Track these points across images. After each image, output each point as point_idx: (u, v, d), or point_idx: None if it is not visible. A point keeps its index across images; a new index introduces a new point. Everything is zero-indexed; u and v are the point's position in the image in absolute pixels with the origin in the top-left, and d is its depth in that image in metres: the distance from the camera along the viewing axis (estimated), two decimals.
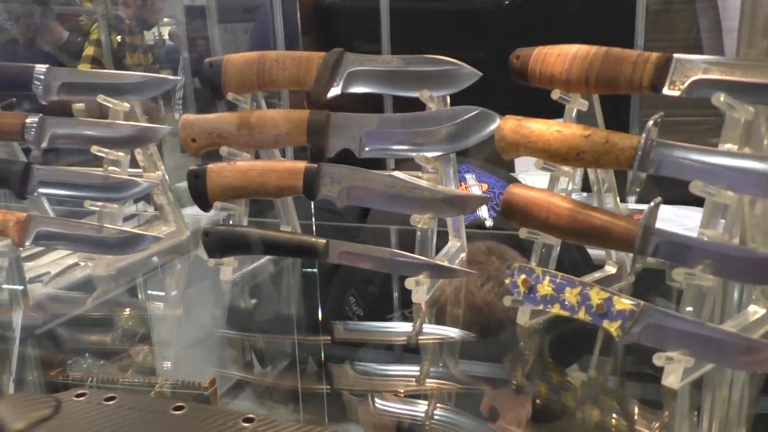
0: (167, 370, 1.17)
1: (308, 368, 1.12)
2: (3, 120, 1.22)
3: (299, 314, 1.20)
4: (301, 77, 1.08)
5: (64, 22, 4.72)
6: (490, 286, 1.10)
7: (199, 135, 1.13)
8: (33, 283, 1.39)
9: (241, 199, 1.13)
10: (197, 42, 4.73)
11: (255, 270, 1.21)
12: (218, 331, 1.20)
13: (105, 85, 1.20)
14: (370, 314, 1.28)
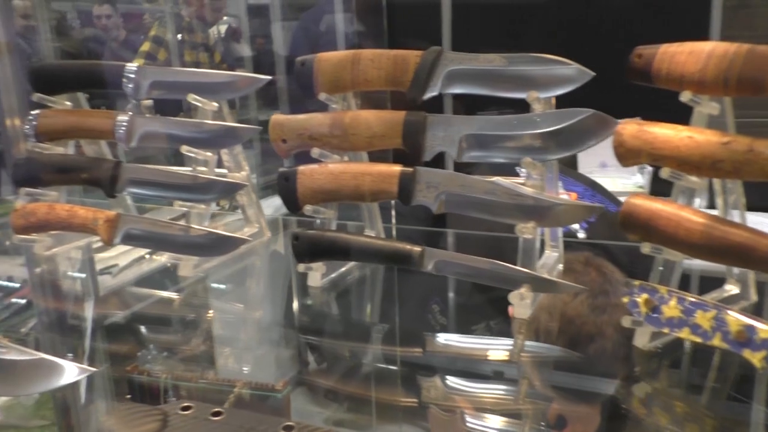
0: (243, 371, 1.15)
1: (394, 379, 1.08)
2: (94, 119, 1.22)
3: (387, 323, 1.16)
4: (397, 77, 1.04)
5: (129, 21, 4.84)
6: (584, 296, 1.04)
7: (290, 136, 1.10)
8: (102, 275, 1.40)
9: (332, 202, 1.09)
10: (255, 40, 4.79)
11: (342, 275, 1.17)
12: (298, 335, 1.18)
13: (195, 84, 1.18)
14: (453, 324, 1.23)
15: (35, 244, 1.29)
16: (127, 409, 0.71)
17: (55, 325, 1.32)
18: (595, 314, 1.07)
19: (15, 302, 1.48)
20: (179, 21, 4.37)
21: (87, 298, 1.36)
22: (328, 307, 1.15)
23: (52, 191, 1.28)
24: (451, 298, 1.28)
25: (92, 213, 1.19)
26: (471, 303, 1.23)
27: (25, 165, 1.24)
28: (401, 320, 1.13)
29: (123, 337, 1.32)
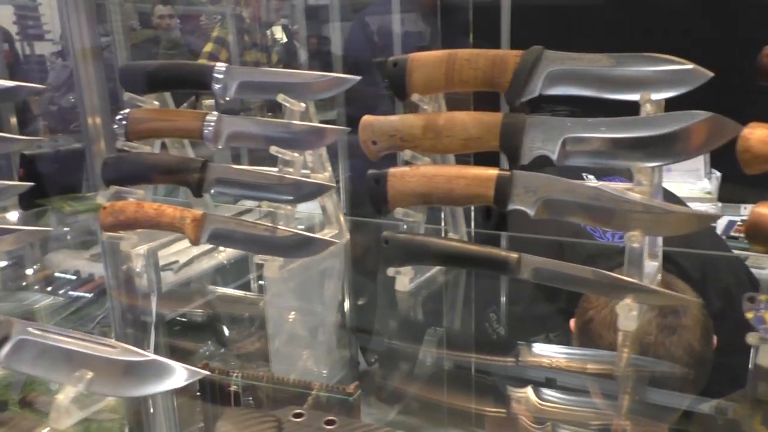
0: (315, 372, 1.14)
1: (482, 388, 1.05)
2: (183, 118, 1.23)
3: (476, 330, 1.13)
4: (495, 77, 1.00)
5: (186, 22, 4.94)
6: (653, 315, 1.00)
7: (380, 137, 1.08)
8: (164, 271, 1.41)
9: (423, 205, 1.07)
10: (309, 41, 4.82)
11: (429, 280, 1.15)
12: (380, 338, 1.16)
13: (283, 84, 1.18)
14: (511, 334, 1.20)
15: (121, 242, 1.31)
16: (242, 415, 0.70)
17: (123, 319, 1.34)
18: (663, 334, 1.02)
19: (82, 296, 1.51)
20: (239, 22, 4.44)
21: (151, 294, 1.38)
22: (415, 311, 1.13)
23: (138, 189, 1.30)
24: (508, 306, 1.24)
25: (180, 212, 1.19)
26: (529, 313, 1.20)
27: (114, 163, 1.26)
28: (495, 329, 1.09)
29: (187, 333, 1.33)
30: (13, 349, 0.78)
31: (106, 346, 0.75)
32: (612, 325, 1.02)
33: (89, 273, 1.58)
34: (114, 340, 0.77)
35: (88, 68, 1.77)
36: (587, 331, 1.08)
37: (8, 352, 0.78)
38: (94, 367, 0.73)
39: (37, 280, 1.58)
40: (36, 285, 1.57)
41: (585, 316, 1.10)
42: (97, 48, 1.72)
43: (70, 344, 0.76)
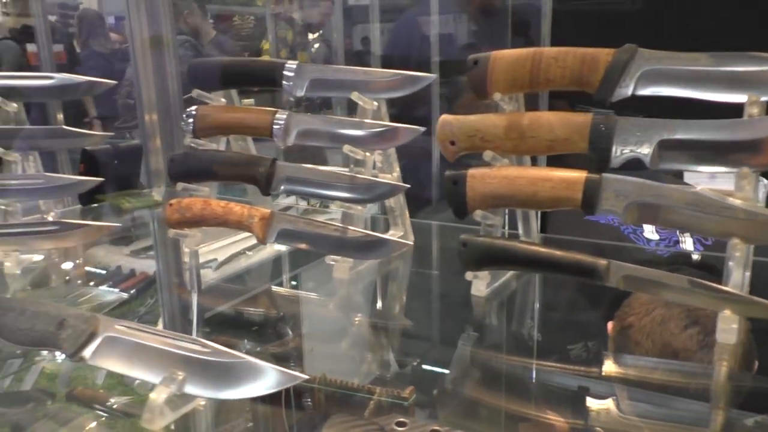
0: (374, 374, 1.11)
1: (562, 398, 1.01)
2: (252, 115, 1.21)
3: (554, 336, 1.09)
4: (584, 76, 0.97)
5: (220, 21, 4.98)
6: (695, 331, 0.95)
7: (460, 137, 1.05)
8: (204, 269, 1.40)
9: (502, 208, 1.04)
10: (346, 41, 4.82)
11: (504, 285, 1.11)
12: (436, 341, 1.12)
13: (355, 82, 1.15)
14: (547, 341, 1.16)
15: (186, 239, 1.29)
16: (346, 422, 0.68)
17: (171, 315, 1.33)
18: (704, 352, 0.97)
19: (124, 291, 1.50)
20: (291, 23, 4.47)
21: (191, 291, 1.37)
22: (491, 317, 1.09)
23: (203, 186, 1.29)
24: (547, 315, 1.20)
25: (247, 210, 1.18)
26: (566, 319, 1.15)
27: (181, 160, 1.25)
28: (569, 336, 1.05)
29: (225, 330, 1.31)
30: (100, 346, 0.77)
31: (196, 345, 0.73)
32: (651, 334, 0.99)
33: (130, 269, 1.57)
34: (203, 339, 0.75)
35: (146, 65, 1.78)
36: (625, 337, 1.05)
37: (95, 350, 0.77)
38: (185, 367, 0.71)
39: (79, 275, 1.58)
40: (78, 280, 1.56)
41: (624, 321, 1.06)
42: (155, 44, 1.73)
43: (160, 343, 0.74)
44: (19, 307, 0.84)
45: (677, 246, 1.37)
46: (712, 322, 0.89)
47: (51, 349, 0.80)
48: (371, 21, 4.49)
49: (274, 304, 1.31)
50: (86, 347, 0.77)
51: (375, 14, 4.45)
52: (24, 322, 0.82)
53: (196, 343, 0.73)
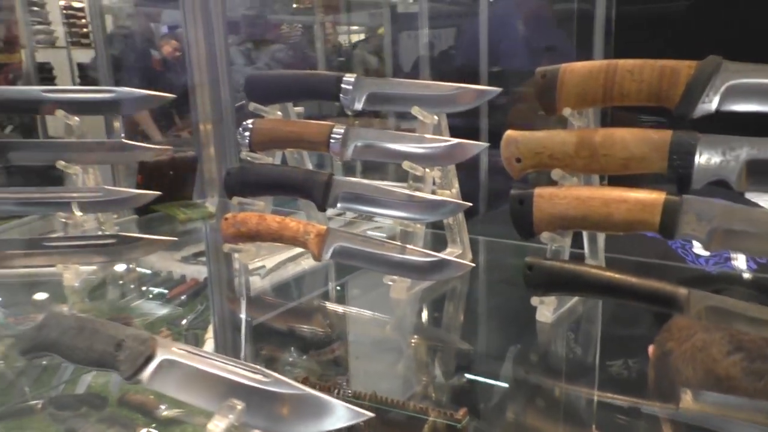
0: (426, 396, 1.06)
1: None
2: (309, 129, 1.19)
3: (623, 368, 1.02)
4: (663, 91, 0.90)
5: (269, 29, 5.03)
6: (739, 358, 0.87)
7: (526, 154, 1.00)
8: (252, 276, 1.38)
9: (571, 230, 0.98)
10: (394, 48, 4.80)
11: (570, 310, 1.05)
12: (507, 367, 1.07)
13: (415, 96, 1.12)
14: (588, 357, 1.08)
15: (240, 254, 1.28)
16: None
17: (222, 322, 1.32)
18: (749, 380, 0.89)
19: (174, 297, 1.50)
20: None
21: (240, 298, 1.35)
22: (556, 344, 1.04)
23: (259, 201, 1.27)
24: (585, 328, 1.13)
25: (303, 226, 1.15)
26: (607, 336, 1.08)
27: (237, 174, 1.24)
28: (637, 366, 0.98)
29: (272, 338, 1.29)
30: (157, 369, 0.75)
31: (256, 373, 0.70)
32: (691, 360, 0.91)
33: (181, 274, 1.57)
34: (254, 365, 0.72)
35: (201, 74, 1.79)
36: (664, 363, 0.97)
37: (152, 372, 0.75)
38: (244, 396, 0.69)
39: (134, 279, 1.59)
40: (131, 284, 1.57)
41: (665, 346, 0.99)
42: (211, 56, 1.73)
43: (218, 369, 0.72)
44: (78, 325, 0.83)
45: (728, 263, 1.28)
46: (757, 348, 0.82)
47: (109, 370, 0.78)
48: (420, 27, 4.47)
49: (326, 319, 1.29)
50: (143, 370, 0.75)
51: (424, 21, 4.42)
52: (82, 341, 0.81)
53: (257, 372, 0.70)
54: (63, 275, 1.18)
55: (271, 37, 4.89)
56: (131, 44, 4.02)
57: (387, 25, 4.90)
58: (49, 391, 1.50)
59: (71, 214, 1.19)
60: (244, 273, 1.36)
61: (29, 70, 4.78)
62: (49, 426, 1.38)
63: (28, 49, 4.73)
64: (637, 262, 1.24)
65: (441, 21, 4.68)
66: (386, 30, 4.87)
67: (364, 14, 5.46)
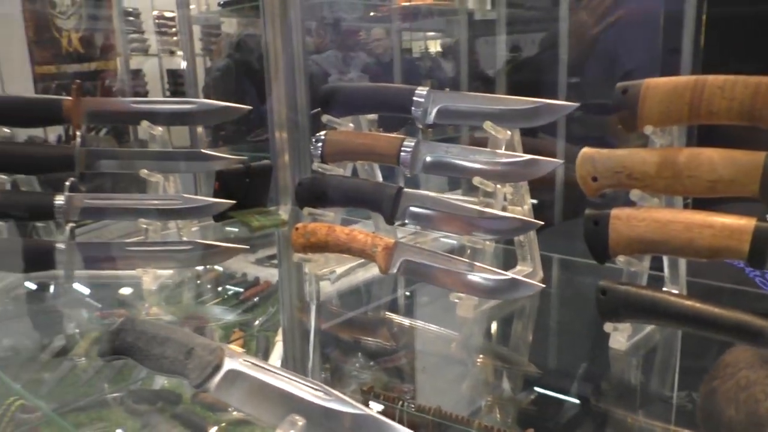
0: (491, 416, 1.02)
1: None
2: (381, 142, 1.19)
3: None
4: (756, 109, 0.84)
5: (348, 36, 5.09)
6: None
7: (603, 173, 0.95)
8: (322, 281, 1.38)
9: (649, 254, 0.93)
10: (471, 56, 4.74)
11: (647, 338, 1.00)
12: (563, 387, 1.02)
13: (487, 112, 1.10)
14: (653, 385, 1.01)
15: (309, 264, 1.30)
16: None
17: (291, 326, 1.33)
18: None
19: (248, 299, 1.53)
20: None
21: (310, 303, 1.36)
22: (630, 373, 0.99)
23: (329, 212, 1.28)
24: (661, 358, 1.05)
25: (371, 239, 1.15)
26: (684, 367, 1.00)
27: (309, 185, 1.25)
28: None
29: (340, 344, 1.29)
30: (223, 379, 0.77)
31: (318, 390, 0.70)
32: (734, 400, 0.83)
33: (255, 276, 1.61)
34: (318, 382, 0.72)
35: (278, 82, 1.83)
36: (711, 401, 0.89)
37: (219, 382, 0.77)
38: (305, 412, 0.69)
39: (209, 280, 1.64)
40: (208, 284, 1.62)
41: (710, 384, 0.91)
42: (288, 65, 1.77)
43: (281, 382, 0.72)
44: (152, 331, 0.86)
45: None
46: None
47: (179, 377, 0.81)
48: (497, 34, 4.40)
49: (393, 329, 1.29)
50: (211, 379, 0.77)
51: (502, 28, 4.35)
52: (156, 347, 0.84)
53: (319, 389, 0.70)
54: (142, 278, 1.23)
55: (349, 45, 4.96)
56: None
57: (463, 33, 4.86)
58: (128, 385, 1.58)
59: (152, 221, 1.24)
60: (315, 279, 1.38)
61: (123, 77, 5.05)
62: (126, 419, 1.45)
63: (123, 57, 5.01)
64: (710, 286, 1.17)
65: (520, 28, 4.59)
66: (463, 37, 4.84)
67: (441, 21, 5.44)
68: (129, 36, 5.57)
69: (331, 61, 4.39)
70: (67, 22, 5.09)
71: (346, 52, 4.60)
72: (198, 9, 3.80)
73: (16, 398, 1.36)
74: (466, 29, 4.85)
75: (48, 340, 1.27)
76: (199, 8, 3.81)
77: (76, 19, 5.05)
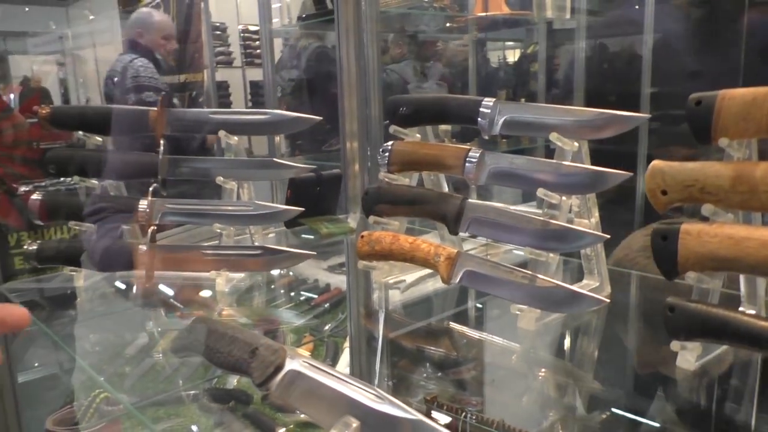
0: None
1: None
2: (446, 153, 1.20)
3: None
4: None
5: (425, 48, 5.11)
6: None
7: (673, 187, 0.92)
8: (391, 289, 1.38)
9: (721, 272, 0.89)
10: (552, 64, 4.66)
11: (717, 358, 0.95)
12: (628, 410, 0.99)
13: (554, 124, 1.09)
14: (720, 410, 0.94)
15: (373, 272, 1.32)
16: None
17: (358, 333, 1.35)
18: None
19: (319, 305, 1.56)
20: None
21: (378, 311, 1.37)
22: (698, 395, 0.95)
23: (394, 221, 1.30)
24: (734, 381, 0.98)
25: (434, 248, 1.16)
26: (747, 388, 0.93)
27: (375, 194, 1.28)
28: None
29: (406, 353, 1.29)
30: (284, 379, 0.80)
31: (372, 394, 0.72)
32: None
33: (326, 283, 1.64)
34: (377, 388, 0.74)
35: (351, 94, 1.87)
36: None
37: (280, 381, 0.80)
38: (359, 415, 0.71)
39: (283, 284, 1.69)
40: (281, 289, 1.67)
41: None
42: (361, 75, 1.81)
43: (337, 385, 0.75)
44: (221, 330, 0.90)
45: None
46: None
47: (243, 375, 0.85)
48: (576, 44, 4.31)
49: (458, 341, 1.29)
50: (273, 378, 0.81)
51: (581, 37, 4.25)
52: (224, 346, 0.88)
53: (374, 393, 0.72)
54: (216, 281, 1.29)
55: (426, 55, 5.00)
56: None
57: (542, 42, 4.79)
58: (203, 383, 1.65)
59: (225, 226, 1.30)
60: (383, 288, 1.40)
61: (209, 88, 5.30)
62: (200, 417, 1.52)
63: (210, 69, 5.27)
64: None
65: (599, 37, 4.48)
66: (541, 47, 4.76)
67: (519, 31, 5.38)
68: (216, 49, 5.85)
69: (408, 71, 4.44)
70: None
71: (423, 62, 4.64)
72: (281, 22, 3.94)
73: (101, 391, 1.45)
74: (544, 38, 4.78)
75: (131, 336, 1.35)
76: (282, 21, 3.95)
77: None
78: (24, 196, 3.43)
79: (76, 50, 6.91)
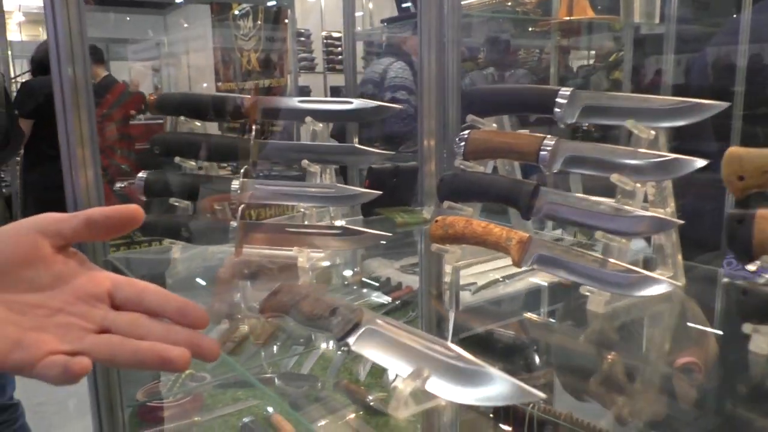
0: (623, 424, 1.00)
1: None
2: (520, 141, 1.24)
3: None
4: None
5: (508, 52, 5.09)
6: None
7: (751, 172, 0.93)
8: (462, 290, 1.41)
9: None
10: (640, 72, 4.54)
11: None
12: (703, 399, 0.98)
13: (631, 109, 1.10)
14: None
15: (446, 255, 1.37)
16: None
17: (425, 328, 1.38)
18: None
19: (391, 302, 1.62)
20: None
21: (449, 311, 1.40)
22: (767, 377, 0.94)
23: (468, 207, 1.35)
24: None
25: (506, 232, 1.20)
26: None
27: (450, 181, 1.33)
28: None
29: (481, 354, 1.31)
30: (362, 335, 0.86)
31: (443, 347, 0.78)
32: None
33: (398, 281, 1.70)
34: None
35: (431, 95, 1.94)
36: None
37: (358, 338, 0.87)
38: (431, 366, 0.77)
39: (356, 281, 1.76)
40: (354, 285, 1.74)
41: None
42: (441, 78, 1.87)
43: (412, 340, 0.81)
44: (306, 292, 0.99)
45: None
46: None
47: (323, 331, 0.92)
48: (665, 52, 4.18)
49: (527, 332, 1.31)
50: (351, 335, 0.88)
51: (670, 44, 4.13)
52: (307, 306, 0.96)
53: (444, 347, 0.78)
54: (297, 258, 1.38)
55: (508, 62, 5.01)
56: None
57: (628, 49, 4.68)
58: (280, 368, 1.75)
59: (310, 206, 1.40)
60: (455, 288, 1.44)
61: (291, 93, 5.52)
62: (276, 399, 1.60)
63: (293, 75, 5.49)
64: None
65: (689, 45, 4.33)
66: (627, 54, 4.66)
67: (604, 37, 5.28)
68: (299, 55, 6.08)
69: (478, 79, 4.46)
70: (247, 43, 5.69)
71: (504, 69, 4.65)
72: (363, 27, 4.08)
73: None
74: (630, 44, 4.67)
75: (218, 310, 1.45)
76: (364, 26, 4.08)
77: (255, 40, 5.62)
78: (123, 189, 3.71)
79: (171, 56, 7.34)
